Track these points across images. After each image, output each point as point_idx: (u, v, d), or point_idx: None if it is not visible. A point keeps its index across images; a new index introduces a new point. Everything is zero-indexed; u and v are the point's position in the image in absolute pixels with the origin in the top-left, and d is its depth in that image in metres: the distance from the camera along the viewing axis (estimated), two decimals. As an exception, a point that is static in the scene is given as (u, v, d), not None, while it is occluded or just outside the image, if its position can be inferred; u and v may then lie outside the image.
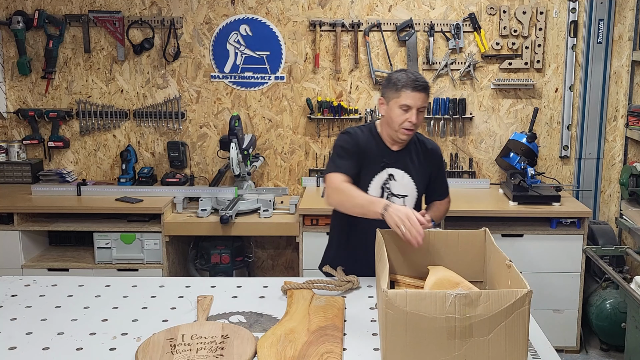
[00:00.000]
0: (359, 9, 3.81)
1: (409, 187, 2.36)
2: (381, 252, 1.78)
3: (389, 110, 2.28)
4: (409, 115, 2.23)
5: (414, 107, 2.23)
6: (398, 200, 2.34)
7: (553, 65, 3.84)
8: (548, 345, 1.70)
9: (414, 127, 2.26)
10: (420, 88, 2.23)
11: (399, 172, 2.34)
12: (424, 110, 2.29)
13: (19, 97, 3.95)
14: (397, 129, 2.27)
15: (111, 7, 3.83)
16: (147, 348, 1.61)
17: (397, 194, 2.34)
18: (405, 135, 2.28)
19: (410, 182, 2.36)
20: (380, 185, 2.33)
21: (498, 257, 1.72)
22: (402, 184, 2.35)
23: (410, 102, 2.22)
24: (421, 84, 2.24)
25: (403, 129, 2.26)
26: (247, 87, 3.92)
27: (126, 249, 3.46)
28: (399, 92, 2.24)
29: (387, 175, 2.33)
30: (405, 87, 2.23)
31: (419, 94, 2.23)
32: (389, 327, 1.43)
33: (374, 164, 2.32)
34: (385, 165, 2.33)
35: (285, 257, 4.16)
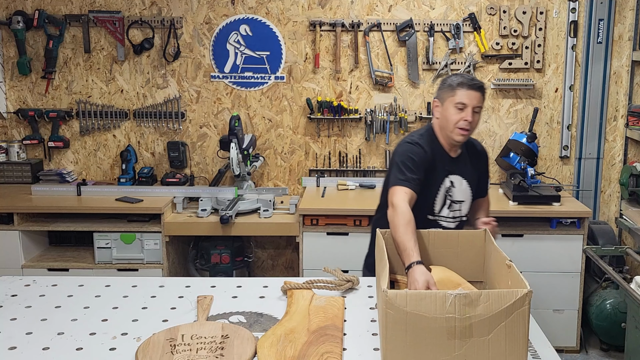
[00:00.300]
0: (359, 9, 3.81)
1: (467, 193, 2.37)
2: (381, 252, 1.78)
3: (444, 111, 2.26)
4: (464, 114, 2.21)
5: (469, 106, 2.21)
6: (456, 206, 2.35)
7: (553, 65, 3.84)
8: (548, 345, 1.70)
9: (469, 126, 2.23)
10: (476, 87, 2.22)
11: (457, 178, 2.34)
12: (480, 111, 2.26)
13: (19, 97, 3.95)
14: (452, 130, 2.24)
15: (111, 7, 3.83)
16: (147, 348, 1.61)
17: (457, 200, 2.35)
18: (460, 135, 2.24)
19: (467, 188, 2.37)
20: (444, 194, 2.32)
21: (498, 257, 1.72)
22: (461, 190, 2.35)
23: (466, 100, 2.20)
24: (477, 83, 2.23)
25: (458, 128, 2.23)
26: (247, 87, 3.92)
27: (126, 249, 3.46)
28: (454, 91, 2.22)
29: (450, 182, 2.33)
30: (461, 86, 2.22)
31: (475, 92, 2.21)
32: (389, 327, 1.43)
33: (439, 172, 2.31)
34: (448, 172, 2.32)
35: (285, 257, 4.16)
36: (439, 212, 2.33)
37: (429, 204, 2.31)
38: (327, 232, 3.43)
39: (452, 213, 2.35)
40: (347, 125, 3.93)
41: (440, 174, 2.31)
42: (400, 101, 3.89)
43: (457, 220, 2.38)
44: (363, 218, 3.42)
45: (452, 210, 2.34)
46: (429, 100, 3.87)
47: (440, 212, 2.33)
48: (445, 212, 2.34)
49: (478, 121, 2.28)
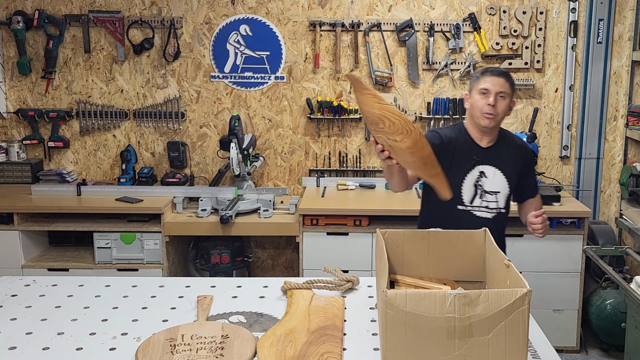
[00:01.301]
0: (359, 9, 3.81)
1: (501, 183, 2.40)
2: (381, 252, 1.78)
3: (471, 100, 2.37)
4: (488, 99, 2.30)
5: (492, 91, 2.30)
6: (490, 197, 2.38)
7: (553, 65, 3.84)
8: (548, 345, 1.70)
9: (493, 111, 2.30)
10: (498, 72, 2.32)
11: (490, 168, 2.38)
12: (506, 97, 2.32)
13: (19, 97, 3.95)
14: (478, 115, 2.33)
15: (111, 7, 3.83)
16: (147, 348, 1.61)
17: (490, 191, 2.38)
18: (485, 119, 2.31)
19: (502, 178, 2.39)
20: (472, 184, 2.38)
21: (498, 257, 1.72)
22: (494, 181, 2.39)
23: (489, 85, 2.30)
24: (500, 70, 2.34)
25: (483, 113, 2.31)
26: (247, 87, 3.92)
27: (126, 249, 3.46)
28: (479, 79, 2.34)
29: (479, 172, 2.37)
30: (484, 73, 2.34)
31: (497, 78, 2.31)
32: (389, 327, 1.43)
33: (464, 162, 2.37)
34: (476, 162, 2.37)
35: (285, 257, 4.16)
36: (470, 202, 2.38)
37: (456, 194, 2.33)
38: (327, 232, 3.43)
39: (485, 203, 2.38)
40: (347, 125, 3.93)
41: (466, 163, 2.37)
42: (400, 101, 3.89)
43: (493, 212, 2.40)
44: (363, 218, 3.43)
45: (486, 200, 2.38)
46: (429, 100, 3.88)
47: (472, 202, 2.38)
48: (477, 201, 2.38)
49: (505, 107, 2.34)
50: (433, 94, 3.88)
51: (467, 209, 2.39)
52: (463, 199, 2.38)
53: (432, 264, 1.97)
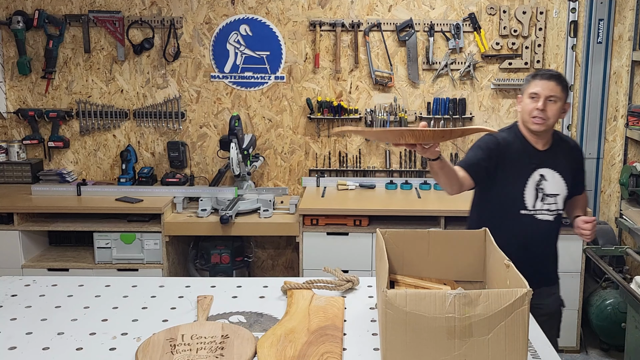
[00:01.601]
0: (359, 9, 3.81)
1: (560, 186, 2.39)
2: (381, 252, 1.78)
3: (522, 103, 2.35)
4: (537, 103, 2.27)
5: (542, 95, 2.27)
6: (551, 199, 2.38)
7: (553, 65, 3.84)
8: (548, 345, 1.70)
9: (543, 115, 2.28)
10: (548, 76, 2.28)
11: (549, 171, 2.37)
12: (557, 100, 2.29)
13: (19, 97, 3.96)
14: (528, 120, 2.31)
15: (111, 7, 3.83)
16: (147, 348, 1.61)
17: (550, 194, 2.38)
18: (535, 124, 2.30)
19: (561, 180, 2.39)
20: (534, 187, 2.36)
21: (498, 257, 1.72)
22: (554, 183, 2.38)
23: (538, 89, 2.28)
24: (550, 73, 2.30)
25: (532, 118, 2.29)
26: (247, 87, 3.92)
27: (126, 249, 3.46)
28: (529, 83, 2.32)
29: (539, 176, 2.36)
30: (535, 77, 2.32)
31: (548, 82, 2.28)
32: (389, 327, 1.43)
33: (524, 166, 2.36)
34: (536, 166, 2.36)
35: (285, 257, 4.16)
36: (533, 206, 2.37)
37: (519, 198, 2.35)
38: (327, 232, 3.43)
39: (547, 206, 2.38)
40: (347, 125, 3.93)
41: (526, 166, 2.35)
42: (400, 101, 3.89)
43: (554, 214, 2.41)
44: (363, 218, 3.43)
45: (547, 203, 2.38)
46: (429, 100, 3.88)
47: (535, 206, 2.37)
48: (539, 205, 2.37)
49: (557, 111, 2.30)
50: (433, 94, 3.88)
51: (530, 213, 2.38)
52: (526, 203, 2.37)
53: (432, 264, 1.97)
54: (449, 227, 3.37)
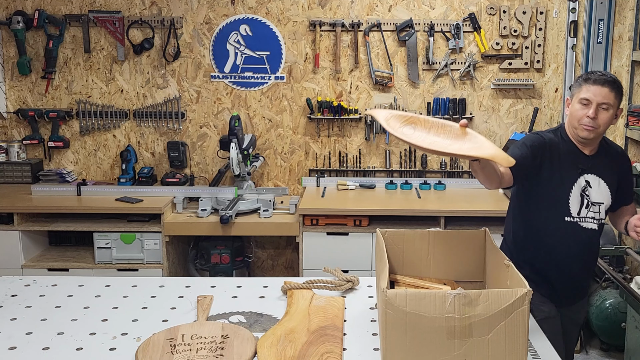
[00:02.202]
0: (359, 9, 3.81)
1: (605, 194, 2.24)
2: (381, 252, 1.78)
3: (571, 107, 2.21)
4: (588, 110, 2.12)
5: (593, 102, 2.12)
6: (595, 207, 2.22)
7: (553, 65, 3.84)
8: (548, 345, 1.70)
9: (593, 124, 2.12)
10: (602, 81, 2.12)
11: (594, 178, 2.22)
12: (609, 108, 2.13)
13: (19, 97, 3.96)
14: (576, 126, 2.17)
15: (111, 7, 3.83)
16: (147, 348, 1.61)
17: (595, 202, 2.22)
18: (584, 132, 2.15)
19: (605, 189, 2.23)
20: (579, 193, 2.21)
21: (498, 257, 1.72)
22: (599, 191, 2.22)
23: (590, 95, 2.12)
24: (605, 78, 2.13)
25: (582, 125, 2.14)
26: (247, 87, 3.92)
27: (126, 249, 3.46)
28: (580, 87, 2.16)
29: (585, 182, 2.21)
30: (587, 81, 2.15)
31: (601, 87, 2.11)
32: (389, 327, 1.43)
33: (570, 170, 2.21)
34: (582, 171, 2.21)
35: (285, 257, 4.16)
36: (578, 213, 2.21)
37: (563, 205, 2.20)
38: (327, 232, 3.43)
39: (592, 214, 2.22)
40: (347, 125, 3.93)
41: (572, 171, 2.21)
42: (400, 101, 3.89)
43: (597, 222, 2.25)
44: (363, 218, 3.43)
45: (592, 211, 2.22)
46: (429, 100, 3.88)
47: (580, 213, 2.21)
48: (584, 212, 2.22)
49: (608, 119, 2.14)
50: (433, 94, 3.88)
51: (574, 220, 2.21)
52: (571, 210, 2.21)
53: (432, 264, 1.97)
54: (449, 227, 3.37)
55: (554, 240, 2.22)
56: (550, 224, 2.22)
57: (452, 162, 3.94)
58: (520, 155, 2.15)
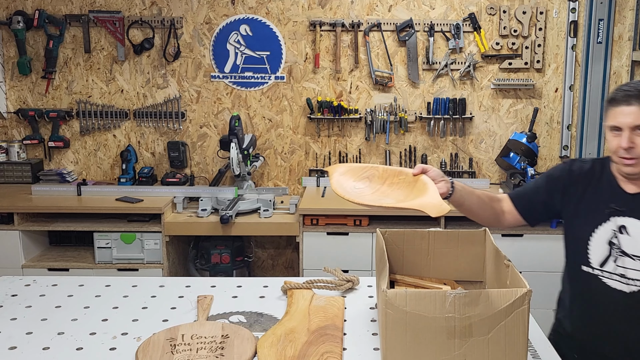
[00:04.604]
0: (359, 9, 3.81)
1: None
2: (381, 252, 1.78)
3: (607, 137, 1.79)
4: (620, 139, 1.70)
5: (625, 127, 1.69)
6: (632, 262, 1.72)
7: (553, 65, 3.84)
8: (548, 345, 1.70)
9: (632, 153, 1.70)
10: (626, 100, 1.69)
11: (634, 222, 1.73)
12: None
13: (19, 97, 3.96)
14: (615, 159, 1.76)
15: (111, 7, 3.83)
16: (147, 348, 1.61)
17: (632, 255, 1.73)
18: (626, 167, 1.72)
19: None
20: (607, 241, 1.76)
21: (498, 257, 1.72)
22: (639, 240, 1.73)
23: (619, 121, 1.71)
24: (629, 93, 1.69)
25: (620, 157, 1.73)
26: (247, 87, 3.92)
27: (126, 248, 3.46)
28: (607, 112, 1.77)
29: (617, 227, 1.76)
30: (610, 104, 1.75)
31: (629, 107, 1.68)
32: (389, 327, 1.43)
33: (597, 210, 1.79)
34: (613, 212, 1.76)
35: (285, 257, 4.16)
36: (601, 265, 1.78)
37: (581, 250, 1.82)
38: (327, 232, 3.43)
39: (621, 270, 1.75)
40: (347, 125, 3.93)
41: (599, 210, 1.79)
42: (400, 101, 3.89)
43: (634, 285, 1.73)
44: (363, 218, 3.43)
45: (623, 266, 1.75)
46: (429, 100, 3.88)
47: (603, 267, 1.78)
48: (610, 266, 1.77)
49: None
50: (433, 94, 3.88)
51: (594, 272, 1.80)
52: (590, 259, 1.80)
53: (432, 264, 1.97)
54: (449, 227, 3.37)
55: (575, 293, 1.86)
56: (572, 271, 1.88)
57: (452, 162, 3.94)
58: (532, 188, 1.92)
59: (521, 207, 1.93)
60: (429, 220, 3.41)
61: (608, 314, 1.78)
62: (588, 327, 1.83)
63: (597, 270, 1.79)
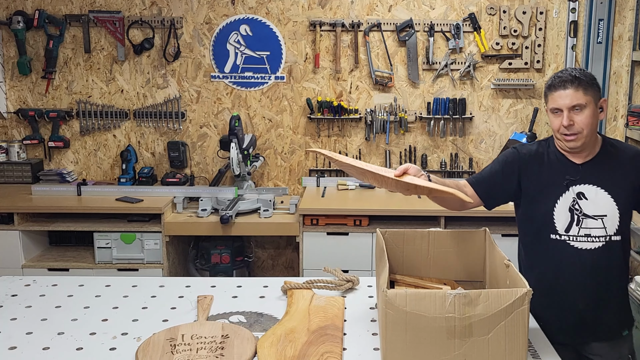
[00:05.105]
0: (359, 9, 3.81)
1: (608, 205, 1.95)
2: (381, 252, 1.79)
3: (549, 119, 2.01)
4: (561, 118, 1.93)
5: (563, 108, 1.92)
6: (592, 222, 1.95)
7: (553, 65, 3.84)
8: (548, 345, 1.70)
9: (572, 130, 1.92)
10: (562, 84, 1.93)
11: (591, 188, 1.96)
12: (584, 108, 1.91)
13: (19, 97, 3.96)
14: (559, 137, 1.98)
15: (111, 7, 3.83)
16: (147, 348, 1.61)
17: (592, 215, 1.96)
18: (569, 142, 1.95)
19: (607, 199, 1.96)
20: (567, 208, 1.97)
21: (498, 257, 1.72)
22: (597, 203, 1.95)
23: (558, 102, 1.93)
24: (566, 78, 1.93)
25: (562, 135, 1.95)
26: (247, 87, 3.92)
27: (126, 249, 3.46)
28: (547, 96, 1.99)
29: (575, 194, 1.97)
30: (550, 88, 1.97)
31: (565, 90, 1.92)
32: (389, 327, 1.43)
33: (554, 183, 2.00)
34: (570, 182, 1.98)
35: (285, 257, 4.16)
36: (566, 230, 1.97)
37: (547, 221, 1.99)
38: (327, 232, 3.43)
39: (585, 230, 1.96)
40: (347, 125, 3.93)
41: (556, 183, 1.99)
42: (400, 101, 3.89)
43: (598, 240, 1.96)
44: (363, 218, 3.43)
45: (586, 227, 1.96)
46: (429, 100, 3.88)
47: (569, 231, 1.97)
48: (574, 230, 1.97)
49: (589, 118, 1.92)
50: (433, 94, 3.88)
51: (561, 238, 1.98)
52: (556, 227, 1.98)
53: (432, 264, 1.97)
54: (449, 227, 3.37)
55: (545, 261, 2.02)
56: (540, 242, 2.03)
57: (452, 162, 3.94)
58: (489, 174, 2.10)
59: (482, 192, 2.09)
60: (429, 221, 3.42)
61: (577, 271, 1.97)
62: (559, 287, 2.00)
63: (564, 235, 1.99)
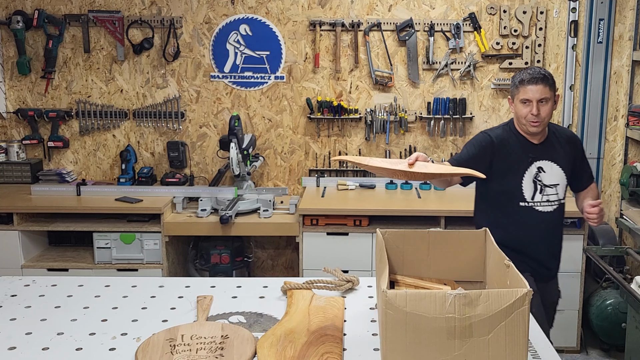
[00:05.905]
0: (359, 9, 3.81)
1: (559, 176, 2.49)
2: (381, 252, 1.78)
3: (515, 108, 2.45)
4: (530, 108, 2.37)
5: (533, 100, 2.36)
6: (550, 190, 2.47)
7: (553, 65, 3.84)
8: (548, 345, 1.69)
9: (538, 118, 2.37)
10: (536, 80, 2.35)
11: (547, 163, 2.47)
12: (548, 101, 2.38)
13: (19, 97, 3.95)
14: (524, 122, 2.42)
15: (111, 6, 3.83)
16: (147, 348, 1.61)
17: (549, 184, 2.48)
18: (534, 127, 2.40)
19: (559, 170, 2.48)
20: (531, 180, 2.46)
21: (498, 257, 1.72)
22: (552, 174, 2.48)
23: (529, 95, 2.36)
24: (537, 76, 2.36)
25: (528, 122, 2.39)
26: (247, 87, 3.92)
27: (126, 249, 3.46)
28: (518, 89, 2.40)
29: (537, 168, 2.46)
30: (522, 83, 2.38)
31: (536, 86, 2.35)
32: (389, 327, 1.42)
33: (521, 161, 2.46)
34: (533, 159, 2.46)
35: (285, 257, 4.15)
36: (532, 198, 2.47)
37: (517, 191, 2.46)
38: (327, 232, 3.43)
39: (546, 197, 2.48)
40: (347, 125, 3.93)
41: (522, 160, 2.46)
42: (400, 101, 3.89)
43: (554, 204, 2.50)
44: (363, 218, 3.42)
45: (546, 194, 2.47)
46: (429, 100, 3.88)
47: (534, 198, 2.47)
48: (538, 197, 2.47)
49: (549, 109, 2.39)
50: (433, 94, 3.88)
51: (529, 205, 2.47)
52: (524, 196, 2.47)
53: (432, 264, 1.97)
54: (449, 227, 3.37)
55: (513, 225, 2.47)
56: (507, 210, 2.48)
57: (452, 162, 3.94)
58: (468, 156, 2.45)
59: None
60: (429, 221, 3.42)
61: (539, 229, 2.50)
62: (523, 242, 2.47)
63: (530, 202, 2.48)
